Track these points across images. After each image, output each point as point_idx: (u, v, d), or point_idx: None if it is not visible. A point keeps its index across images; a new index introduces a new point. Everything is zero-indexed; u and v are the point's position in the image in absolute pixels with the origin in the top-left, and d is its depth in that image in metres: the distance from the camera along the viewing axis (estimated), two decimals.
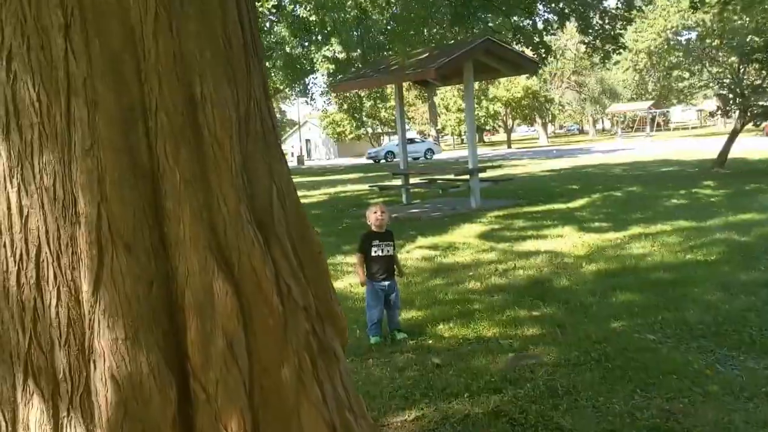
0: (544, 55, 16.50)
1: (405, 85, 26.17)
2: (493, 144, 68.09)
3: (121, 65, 2.00)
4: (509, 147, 55.88)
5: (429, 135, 60.88)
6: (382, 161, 46.01)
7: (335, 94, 41.65)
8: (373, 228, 5.67)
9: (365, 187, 21.59)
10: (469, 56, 13.47)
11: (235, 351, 2.02)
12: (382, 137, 64.08)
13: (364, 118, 57.17)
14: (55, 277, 1.96)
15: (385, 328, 5.66)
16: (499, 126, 63.80)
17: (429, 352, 5.11)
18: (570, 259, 8.22)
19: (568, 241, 9.42)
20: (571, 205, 13.52)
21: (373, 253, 5.59)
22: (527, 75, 33.94)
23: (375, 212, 5.68)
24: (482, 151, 53.16)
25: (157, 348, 1.96)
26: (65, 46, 1.96)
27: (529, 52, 17.46)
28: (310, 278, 2.28)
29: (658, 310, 5.69)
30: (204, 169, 2.05)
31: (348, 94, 37.85)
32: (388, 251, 5.63)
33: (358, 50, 27.75)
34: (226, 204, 2.05)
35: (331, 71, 28.47)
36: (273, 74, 32.32)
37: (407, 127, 70.10)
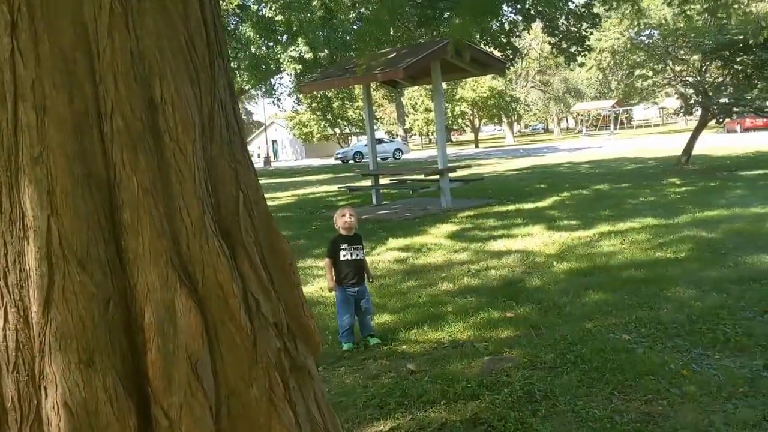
0: (510, 56, 16.51)
1: (373, 85, 26.00)
2: (460, 143, 68.39)
3: (73, 66, 1.84)
4: (477, 146, 56.13)
5: (397, 135, 60.87)
6: (351, 162, 45.85)
7: (303, 95, 41.39)
8: (342, 231, 5.55)
9: (334, 188, 21.43)
10: (437, 56, 13.40)
11: (200, 373, 1.87)
12: (350, 138, 63.90)
13: (332, 119, 56.99)
14: (2, 297, 1.80)
15: (358, 334, 5.54)
16: (466, 126, 64.13)
17: (403, 358, 5.01)
18: (541, 258, 8.19)
19: (538, 240, 9.39)
20: (540, 204, 13.54)
21: (341, 258, 5.46)
22: (495, 75, 34.05)
23: (343, 215, 5.55)
24: (450, 150, 53.31)
25: (115, 372, 1.80)
26: (12, 46, 1.80)
27: (496, 53, 17.47)
28: (281, 291, 2.14)
29: (631, 309, 5.66)
30: (165, 177, 1.90)
31: (316, 95, 37.62)
32: (357, 255, 5.50)
33: (325, 50, 27.60)
34: (188, 214, 1.91)
35: (298, 71, 28.30)
36: (238, 75, 32.02)
37: (376, 127, 70.19)
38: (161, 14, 1.91)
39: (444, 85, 52.18)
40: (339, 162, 46.59)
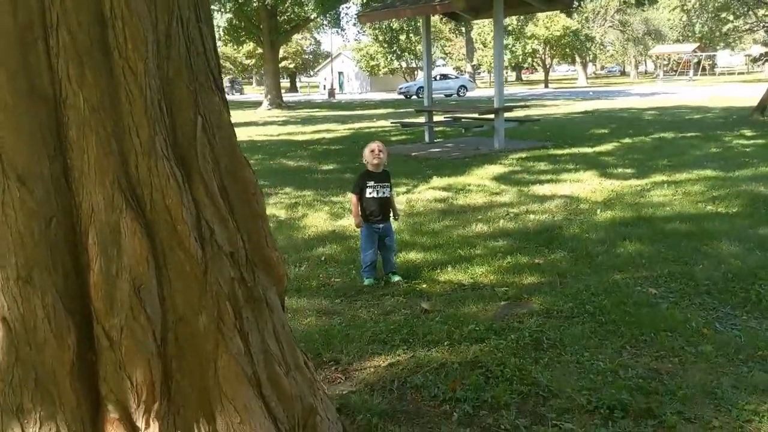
0: None
1: (438, 18, 25.12)
2: (530, 83, 66.56)
3: None
4: (546, 86, 54.54)
5: (465, 71, 59.59)
6: (414, 97, 45.18)
7: (369, 25, 40.80)
8: (369, 168, 5.45)
9: (390, 123, 21.24)
10: None
11: (143, 297, 1.85)
12: (416, 72, 62.87)
13: (399, 52, 56.03)
14: None
15: (381, 270, 5.51)
16: (538, 65, 62.25)
17: (420, 297, 4.96)
18: (586, 205, 7.95)
19: (587, 186, 9.12)
20: (598, 149, 13.11)
21: (367, 194, 5.38)
22: (566, 12, 32.66)
23: (372, 150, 5.43)
24: (518, 89, 52.11)
25: (56, 290, 1.80)
26: None
27: None
28: (242, 221, 2.08)
29: (665, 263, 5.45)
30: (113, 95, 1.84)
31: (382, 27, 36.97)
32: (383, 193, 5.40)
33: None
34: (138, 135, 1.85)
35: (365, 1, 27.75)
36: (305, 3, 31.70)
37: (444, 62, 68.81)
38: None
39: (513, 20, 50.16)
40: (402, 97, 45.90)
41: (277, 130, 20.99)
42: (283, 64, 66.98)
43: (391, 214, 5.59)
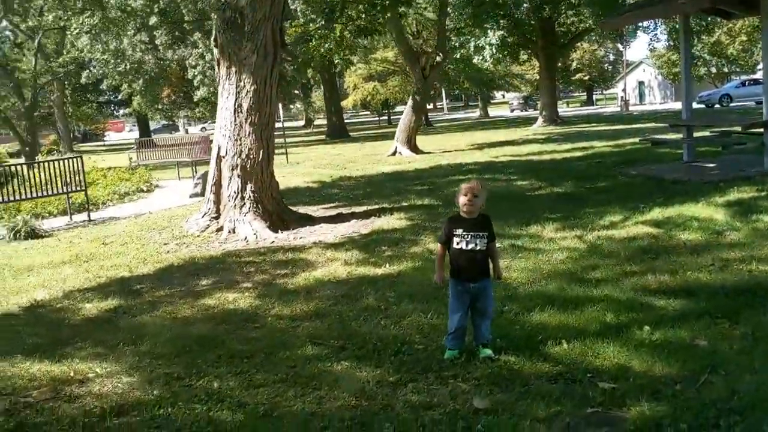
0: None
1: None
2: None
3: None
4: None
5: None
6: (717, 106, 39.76)
7: (664, 29, 37.24)
8: (462, 213, 4.31)
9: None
10: None
11: None
12: (728, 77, 55.63)
13: (706, 56, 50.32)
14: None
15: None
16: None
17: (494, 385, 3.77)
18: None
19: None
20: None
21: (455, 245, 4.24)
22: None
23: (465, 195, 4.24)
24: None
25: None
26: None
27: None
28: None
29: None
30: None
31: (668, 29, 33.36)
32: (475, 244, 4.19)
33: None
34: None
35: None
36: (583, 12, 29.86)
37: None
38: None
39: None
40: (702, 106, 40.38)
41: (529, 149, 19.80)
42: (577, 76, 64.62)
43: (492, 272, 4.40)
